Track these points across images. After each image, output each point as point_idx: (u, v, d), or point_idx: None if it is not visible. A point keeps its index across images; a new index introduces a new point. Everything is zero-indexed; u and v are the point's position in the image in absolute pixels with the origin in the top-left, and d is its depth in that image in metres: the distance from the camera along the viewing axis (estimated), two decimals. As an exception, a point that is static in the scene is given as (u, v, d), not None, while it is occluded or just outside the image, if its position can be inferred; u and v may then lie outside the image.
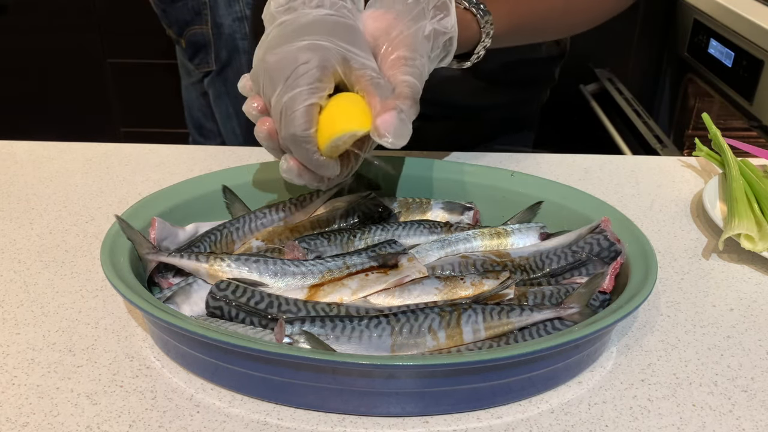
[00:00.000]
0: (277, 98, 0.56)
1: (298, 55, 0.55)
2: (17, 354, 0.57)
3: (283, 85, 0.55)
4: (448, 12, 0.62)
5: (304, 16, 0.58)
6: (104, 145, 0.91)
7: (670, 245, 0.74)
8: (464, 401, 0.52)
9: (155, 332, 0.57)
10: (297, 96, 0.55)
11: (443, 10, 0.62)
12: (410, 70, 0.58)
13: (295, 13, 0.58)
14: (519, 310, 0.56)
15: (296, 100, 0.55)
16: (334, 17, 0.58)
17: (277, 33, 0.58)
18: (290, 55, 0.56)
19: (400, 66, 0.58)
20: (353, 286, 0.59)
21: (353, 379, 0.50)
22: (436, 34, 0.61)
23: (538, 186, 0.72)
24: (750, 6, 1.53)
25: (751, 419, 0.52)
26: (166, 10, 1.81)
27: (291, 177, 0.59)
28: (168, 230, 0.65)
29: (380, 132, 0.55)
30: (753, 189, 0.77)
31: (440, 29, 0.61)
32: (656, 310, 0.64)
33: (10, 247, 0.70)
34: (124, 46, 2.34)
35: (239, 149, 0.90)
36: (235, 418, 0.51)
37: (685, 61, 1.83)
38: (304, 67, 0.55)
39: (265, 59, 0.56)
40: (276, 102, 0.56)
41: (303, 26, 0.57)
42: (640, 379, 0.56)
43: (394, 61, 0.58)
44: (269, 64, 0.56)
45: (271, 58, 0.56)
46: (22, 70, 2.39)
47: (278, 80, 0.55)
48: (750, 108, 1.50)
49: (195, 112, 2.02)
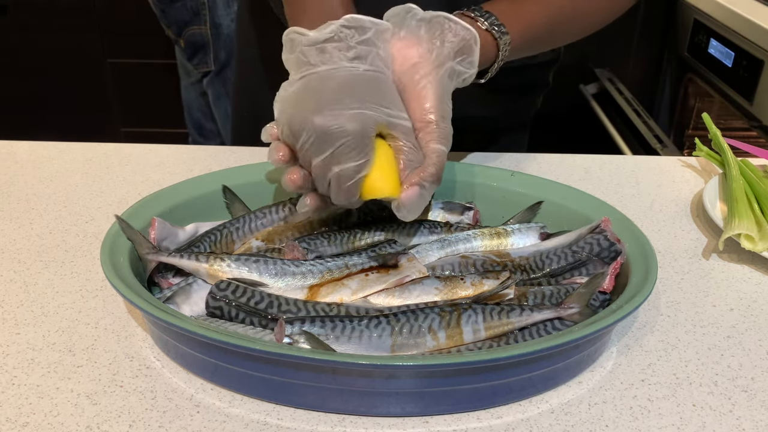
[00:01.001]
0: (324, 164, 0.57)
1: (346, 125, 0.56)
2: (17, 354, 0.57)
3: (331, 154, 0.56)
4: (471, 53, 0.63)
5: (343, 69, 0.58)
6: (104, 145, 0.91)
7: (670, 245, 0.74)
8: (464, 401, 0.52)
9: (155, 332, 0.57)
10: (350, 170, 0.57)
11: (467, 53, 0.62)
12: (439, 135, 0.60)
13: (329, 62, 0.58)
14: (519, 310, 0.56)
15: (350, 176, 0.57)
16: (373, 73, 0.59)
17: (316, 86, 0.57)
18: (339, 122, 0.56)
19: (431, 130, 0.59)
20: (353, 286, 0.59)
21: (353, 379, 0.50)
22: (459, 73, 0.62)
23: (538, 186, 0.72)
24: (750, 6, 1.53)
25: (751, 419, 0.52)
26: (165, 11, 1.82)
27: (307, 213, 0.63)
28: (168, 230, 0.65)
29: (401, 205, 0.59)
30: (753, 189, 0.77)
31: (463, 70, 0.62)
32: (656, 310, 0.64)
33: (10, 247, 0.70)
34: (124, 46, 2.34)
35: (239, 149, 0.90)
36: (235, 418, 0.51)
37: (685, 61, 1.83)
38: (354, 141, 0.56)
39: (312, 120, 0.56)
40: (323, 167, 0.57)
41: (345, 85, 0.57)
42: (640, 379, 0.56)
43: (424, 124, 0.60)
44: (317, 127, 0.56)
45: (319, 120, 0.56)
46: (22, 70, 2.39)
47: (326, 147, 0.56)
48: (750, 108, 1.50)
49: (194, 112, 2.03)
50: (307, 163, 0.59)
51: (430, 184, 0.59)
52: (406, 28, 0.62)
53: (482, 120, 0.97)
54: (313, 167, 0.58)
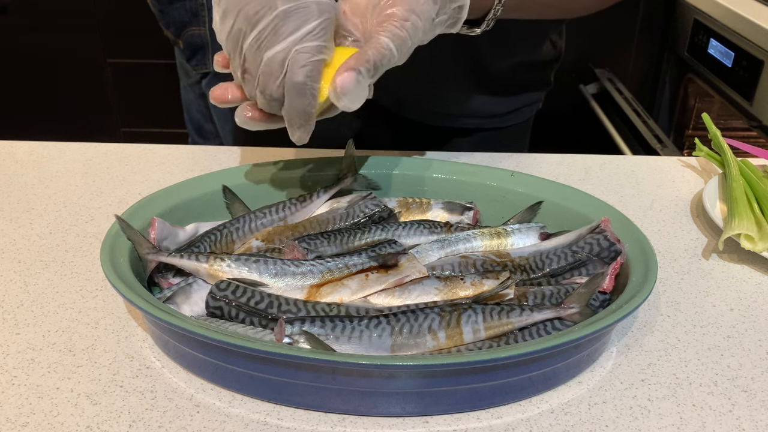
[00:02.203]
0: (283, 49, 0.54)
1: (312, 6, 0.54)
2: (17, 354, 0.57)
3: (293, 37, 0.54)
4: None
5: None
6: (104, 145, 0.91)
7: (670, 245, 0.74)
8: (464, 401, 0.52)
9: (155, 332, 0.57)
10: (311, 48, 0.54)
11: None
12: (393, 33, 0.56)
13: None
14: (519, 310, 0.56)
15: (311, 52, 0.54)
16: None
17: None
18: (305, 3, 0.54)
19: (386, 25, 0.56)
20: (353, 286, 0.59)
21: (353, 379, 0.50)
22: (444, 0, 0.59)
23: (538, 186, 0.72)
24: (750, 6, 1.53)
25: (751, 419, 0.52)
26: (163, 11, 1.81)
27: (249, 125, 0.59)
28: (168, 230, 0.65)
29: (336, 92, 0.54)
30: (753, 189, 0.77)
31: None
32: (656, 310, 0.64)
33: (10, 247, 0.70)
34: (124, 46, 2.34)
35: (239, 149, 0.90)
36: (235, 418, 0.51)
37: (685, 61, 1.83)
38: (320, 23, 0.54)
39: (274, 3, 0.54)
40: (280, 52, 0.54)
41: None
42: (640, 379, 0.56)
43: (384, 18, 0.56)
44: (280, 10, 0.54)
45: (283, 5, 0.54)
46: (22, 70, 2.39)
47: (288, 29, 0.54)
48: (750, 108, 1.50)
49: (194, 113, 2.02)
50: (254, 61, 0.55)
51: (366, 70, 0.54)
52: None
53: (484, 120, 0.97)
54: (266, 60, 0.55)
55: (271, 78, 0.55)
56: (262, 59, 0.55)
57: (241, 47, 0.56)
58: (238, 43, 0.56)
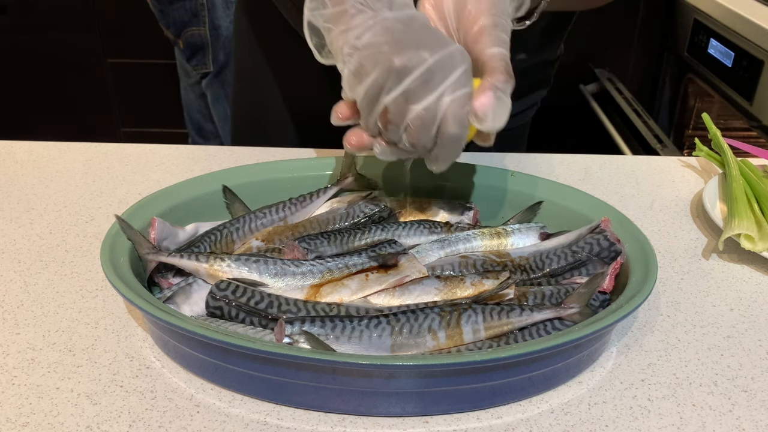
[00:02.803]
0: (436, 99, 0.53)
1: (457, 55, 0.54)
2: (17, 354, 0.57)
3: (444, 86, 0.53)
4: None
5: (411, 9, 0.55)
6: (104, 145, 0.91)
7: (670, 245, 0.74)
8: (464, 401, 0.52)
9: (155, 332, 0.57)
10: (463, 97, 0.54)
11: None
12: (496, 39, 0.55)
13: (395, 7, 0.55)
14: (519, 310, 0.56)
15: (463, 103, 0.54)
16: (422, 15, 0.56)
17: (400, 27, 0.54)
18: (452, 53, 0.53)
19: (485, 37, 0.55)
20: (353, 286, 0.59)
21: (353, 379, 0.50)
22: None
23: (538, 186, 0.72)
24: (750, 6, 1.53)
25: (751, 419, 0.52)
26: (163, 11, 1.81)
27: (386, 157, 0.59)
28: (168, 230, 0.65)
29: (478, 116, 0.54)
30: (753, 189, 0.77)
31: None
32: (656, 310, 0.64)
33: (10, 247, 0.70)
34: (124, 46, 2.34)
35: (239, 149, 0.90)
36: (235, 418, 0.51)
37: (685, 61, 1.83)
38: (467, 70, 0.54)
39: (421, 55, 0.53)
40: (433, 102, 0.53)
41: (427, 23, 0.55)
42: (640, 379, 0.56)
43: (477, 33, 0.56)
44: (432, 61, 0.53)
45: (427, 54, 0.53)
46: (22, 70, 2.39)
47: (440, 78, 0.53)
48: (750, 108, 1.50)
49: (194, 113, 2.02)
50: (401, 113, 0.54)
51: (503, 84, 0.54)
52: None
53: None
54: (417, 112, 0.54)
55: (424, 130, 0.55)
56: (410, 111, 0.54)
57: (382, 100, 0.55)
58: (379, 96, 0.55)
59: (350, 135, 0.58)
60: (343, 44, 0.55)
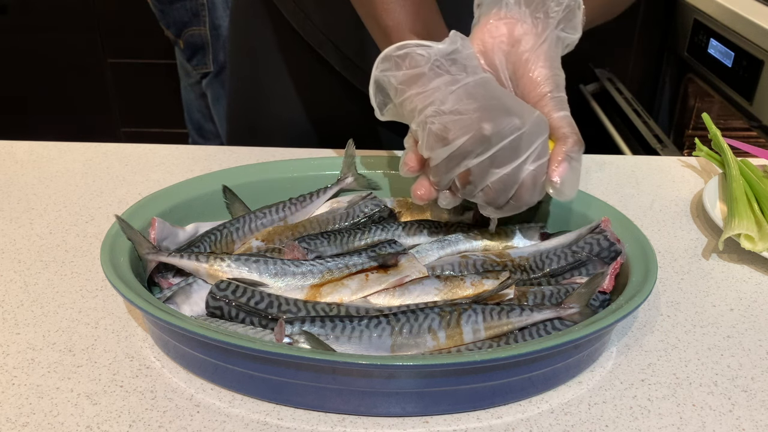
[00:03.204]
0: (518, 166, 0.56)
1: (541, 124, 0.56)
2: (17, 354, 0.57)
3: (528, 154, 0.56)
4: (574, 17, 0.61)
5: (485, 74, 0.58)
6: (104, 145, 0.91)
7: (670, 245, 0.74)
8: (464, 401, 0.52)
9: (155, 332, 0.57)
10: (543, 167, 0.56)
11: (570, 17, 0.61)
12: (560, 102, 0.59)
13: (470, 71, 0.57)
14: (519, 310, 0.56)
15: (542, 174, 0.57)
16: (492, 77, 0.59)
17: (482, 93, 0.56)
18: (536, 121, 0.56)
19: (547, 101, 0.58)
20: (353, 286, 0.59)
21: (353, 379, 0.50)
22: (564, 39, 0.61)
23: (538, 186, 0.72)
24: (750, 6, 1.53)
25: (751, 419, 0.52)
26: (164, 11, 1.82)
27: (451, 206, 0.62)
28: (168, 230, 0.65)
29: (554, 186, 0.57)
30: (753, 189, 0.77)
31: (567, 36, 0.62)
32: (656, 310, 0.64)
33: (10, 247, 0.70)
34: (124, 46, 2.34)
35: (239, 149, 0.90)
36: (235, 418, 0.51)
37: (685, 61, 1.83)
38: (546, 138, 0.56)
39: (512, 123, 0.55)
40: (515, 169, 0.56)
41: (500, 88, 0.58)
42: (640, 379, 0.56)
43: (539, 96, 0.59)
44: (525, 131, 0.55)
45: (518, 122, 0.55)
46: (22, 70, 2.39)
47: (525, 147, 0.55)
48: (750, 108, 1.50)
49: (194, 113, 2.02)
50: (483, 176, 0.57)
51: (576, 152, 0.58)
52: (505, 8, 0.61)
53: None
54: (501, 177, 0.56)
55: (503, 193, 0.57)
56: (493, 174, 0.56)
57: (467, 163, 0.56)
58: (463, 159, 0.56)
59: (418, 187, 0.61)
60: (422, 107, 0.57)
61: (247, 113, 1.01)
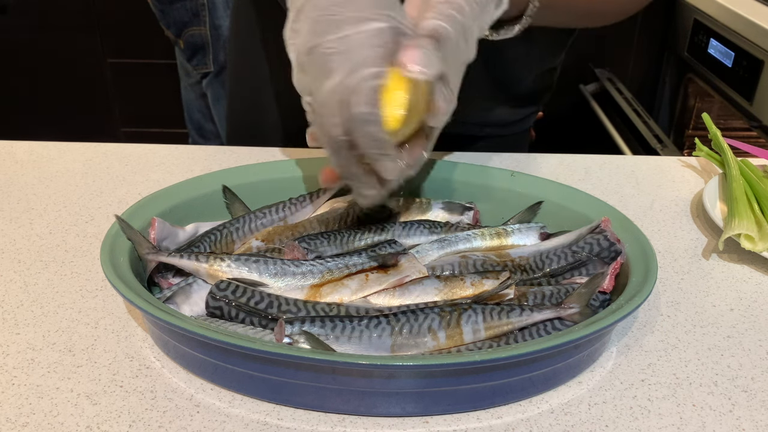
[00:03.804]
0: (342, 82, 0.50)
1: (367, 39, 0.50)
2: (17, 354, 0.57)
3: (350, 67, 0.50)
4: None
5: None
6: (104, 145, 0.91)
7: (670, 245, 0.74)
8: (464, 401, 0.52)
9: (155, 332, 0.57)
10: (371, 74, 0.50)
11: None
12: (440, 14, 0.52)
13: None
14: (519, 310, 0.56)
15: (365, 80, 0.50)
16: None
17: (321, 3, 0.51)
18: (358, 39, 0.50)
19: (431, 11, 0.52)
20: (353, 286, 0.59)
21: (353, 379, 0.50)
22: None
23: (538, 186, 0.72)
24: (750, 6, 1.53)
25: (751, 419, 0.52)
26: (164, 11, 1.82)
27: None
28: (168, 230, 0.65)
29: (407, 66, 0.50)
30: (753, 189, 0.77)
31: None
32: (656, 310, 0.64)
33: (10, 247, 0.70)
34: (124, 46, 2.34)
35: (239, 149, 0.90)
36: (235, 418, 0.51)
37: (685, 61, 1.84)
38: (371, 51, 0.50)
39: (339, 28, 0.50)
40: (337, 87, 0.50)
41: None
42: (640, 379, 0.56)
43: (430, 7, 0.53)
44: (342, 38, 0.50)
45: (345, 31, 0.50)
46: (22, 70, 2.39)
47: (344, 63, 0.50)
48: (750, 108, 1.50)
49: (194, 113, 2.03)
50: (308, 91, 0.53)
51: (428, 44, 0.50)
52: None
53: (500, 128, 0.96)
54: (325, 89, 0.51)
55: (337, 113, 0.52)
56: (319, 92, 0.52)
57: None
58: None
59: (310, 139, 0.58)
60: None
61: (248, 113, 1.01)
